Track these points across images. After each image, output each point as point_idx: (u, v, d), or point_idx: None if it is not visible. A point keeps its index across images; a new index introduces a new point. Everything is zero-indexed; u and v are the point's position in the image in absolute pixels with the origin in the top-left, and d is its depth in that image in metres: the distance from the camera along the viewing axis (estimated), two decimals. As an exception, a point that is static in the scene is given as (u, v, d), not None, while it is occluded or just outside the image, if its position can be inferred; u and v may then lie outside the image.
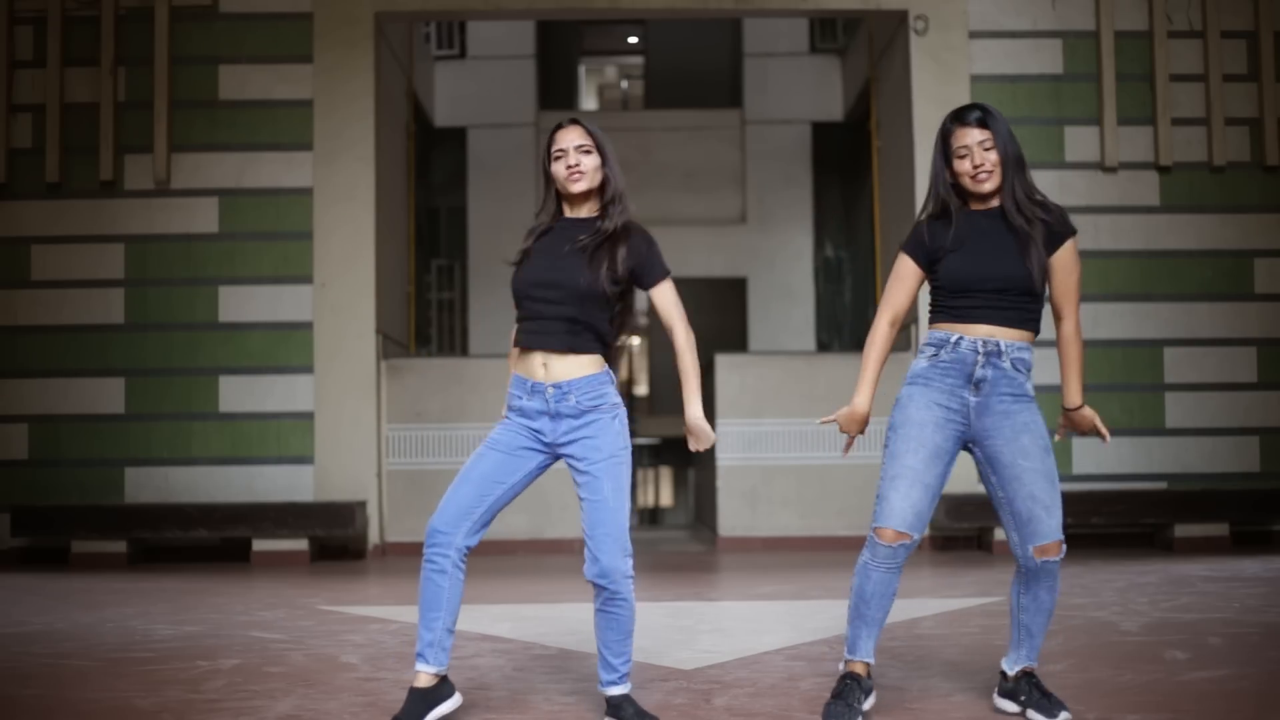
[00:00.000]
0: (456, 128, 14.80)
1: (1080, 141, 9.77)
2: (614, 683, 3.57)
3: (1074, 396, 3.72)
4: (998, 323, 3.57)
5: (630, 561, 3.52)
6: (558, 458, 3.64)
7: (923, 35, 9.83)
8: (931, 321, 3.68)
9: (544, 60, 15.99)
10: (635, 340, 20.32)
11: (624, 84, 21.38)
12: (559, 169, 3.60)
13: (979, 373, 3.56)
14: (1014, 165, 3.60)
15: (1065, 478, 9.40)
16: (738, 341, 14.95)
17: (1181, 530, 9.06)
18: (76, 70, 9.69)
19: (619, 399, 3.62)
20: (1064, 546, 3.60)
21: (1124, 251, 9.74)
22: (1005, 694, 3.67)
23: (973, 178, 3.60)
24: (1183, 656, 4.50)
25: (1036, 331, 3.65)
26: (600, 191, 3.64)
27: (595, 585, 3.52)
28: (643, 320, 18.35)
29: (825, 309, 15.07)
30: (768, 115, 15.18)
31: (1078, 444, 9.57)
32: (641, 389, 19.82)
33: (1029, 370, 3.62)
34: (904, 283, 3.69)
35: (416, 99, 12.44)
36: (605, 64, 21.27)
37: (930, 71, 9.79)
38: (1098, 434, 3.73)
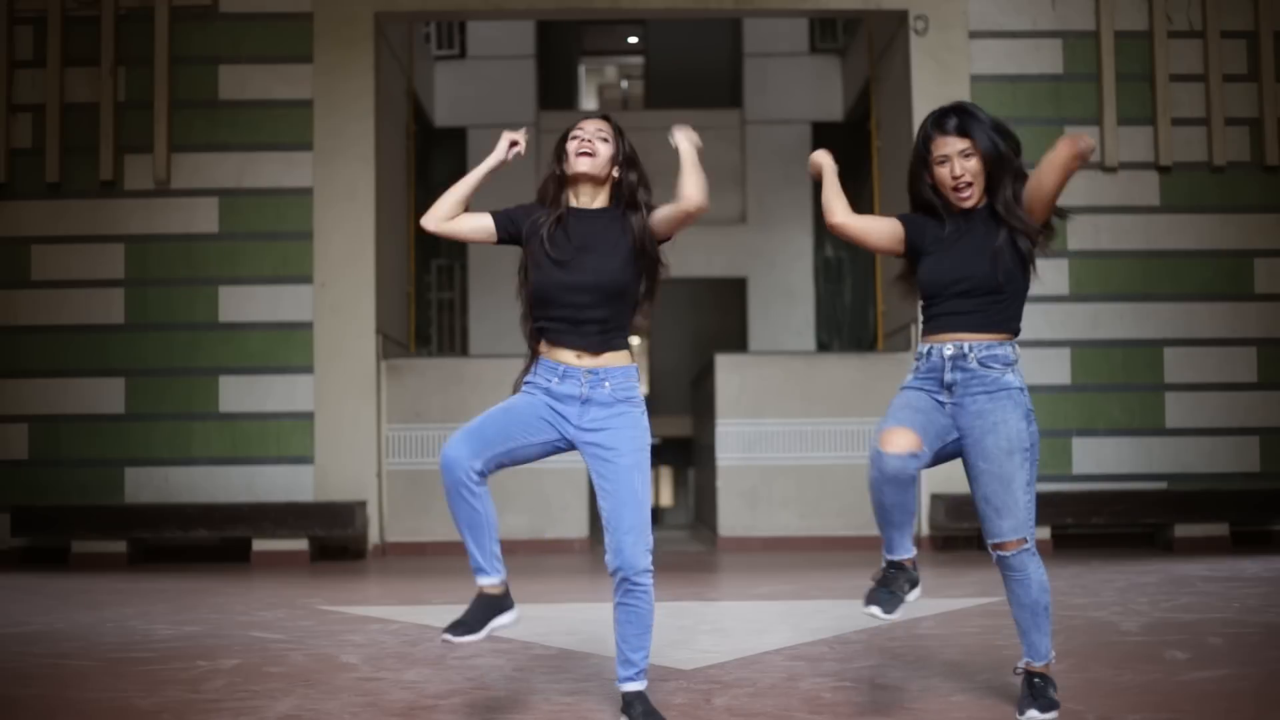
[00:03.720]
0: (456, 128, 14.79)
1: (1080, 141, 9.75)
2: (631, 679, 3.55)
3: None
4: (964, 329, 3.60)
5: (651, 555, 3.53)
6: (570, 447, 3.60)
7: (923, 35, 9.83)
8: (920, 335, 3.76)
9: (544, 60, 15.98)
10: (635, 340, 20.29)
11: (624, 84, 21.37)
12: (571, 145, 3.60)
13: (948, 377, 3.61)
14: (998, 164, 3.57)
15: (1065, 478, 9.43)
16: (738, 341, 14.94)
17: (1181, 530, 9.06)
18: (76, 70, 9.69)
19: (642, 396, 3.65)
20: (1024, 545, 3.55)
21: (1124, 251, 9.75)
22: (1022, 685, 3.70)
23: (954, 189, 3.62)
24: (1183, 656, 4.50)
25: (1013, 332, 3.65)
26: (615, 187, 3.63)
27: (616, 575, 3.51)
28: (642, 320, 18.31)
29: (825, 309, 15.07)
30: (768, 115, 15.18)
31: (1078, 444, 9.58)
32: (643, 388, 19.79)
33: (1008, 363, 3.60)
34: (880, 222, 3.77)
35: (416, 99, 12.44)
36: (605, 64, 21.26)
37: (930, 71, 9.80)
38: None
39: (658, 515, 19.52)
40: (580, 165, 3.59)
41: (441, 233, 3.67)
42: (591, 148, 3.59)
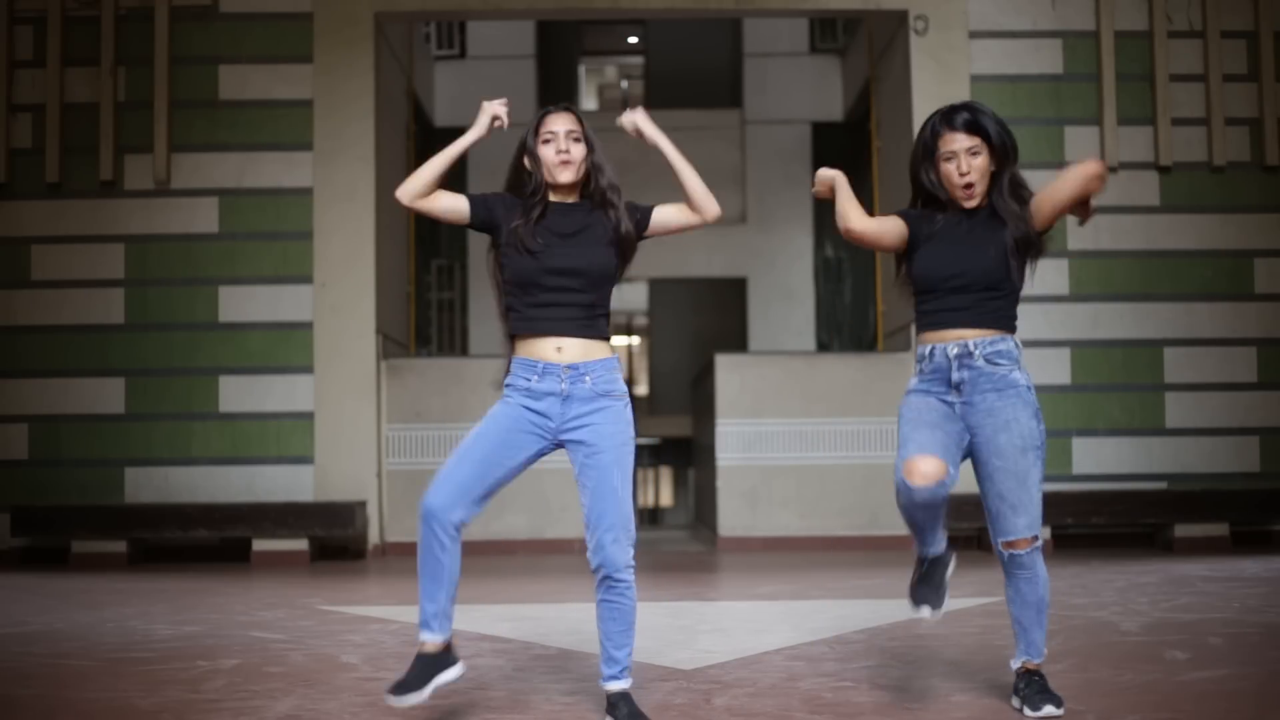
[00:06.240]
0: (456, 128, 14.69)
1: (1080, 141, 9.76)
2: (615, 677, 3.55)
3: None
4: (963, 324, 3.61)
5: (633, 551, 3.52)
6: (558, 446, 3.60)
7: (923, 35, 9.83)
8: (916, 334, 3.75)
9: (544, 60, 15.99)
10: (635, 340, 20.30)
11: (624, 84, 21.38)
12: (549, 153, 3.59)
13: (955, 376, 3.61)
14: (1005, 156, 3.62)
15: (1065, 478, 9.42)
16: (738, 341, 14.94)
17: (1181, 530, 9.06)
18: (76, 70, 9.69)
19: (626, 388, 3.64)
20: (1036, 542, 3.60)
21: (1124, 251, 9.75)
22: (1014, 690, 3.71)
23: (961, 187, 3.63)
24: (1183, 656, 4.50)
25: (1010, 329, 3.66)
26: (587, 180, 3.64)
27: (598, 573, 3.51)
28: (642, 320, 18.34)
29: (825, 309, 15.07)
30: (768, 115, 15.18)
31: (1078, 444, 9.58)
32: (641, 389, 19.81)
33: (1013, 359, 3.62)
34: (888, 222, 3.72)
35: (416, 99, 12.44)
36: (605, 64, 21.28)
37: (930, 71, 9.80)
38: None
39: (658, 515, 19.52)
40: (563, 177, 3.59)
41: (415, 208, 3.61)
42: (568, 155, 3.58)
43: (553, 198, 3.65)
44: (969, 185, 3.62)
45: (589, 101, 20.53)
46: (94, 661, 4.76)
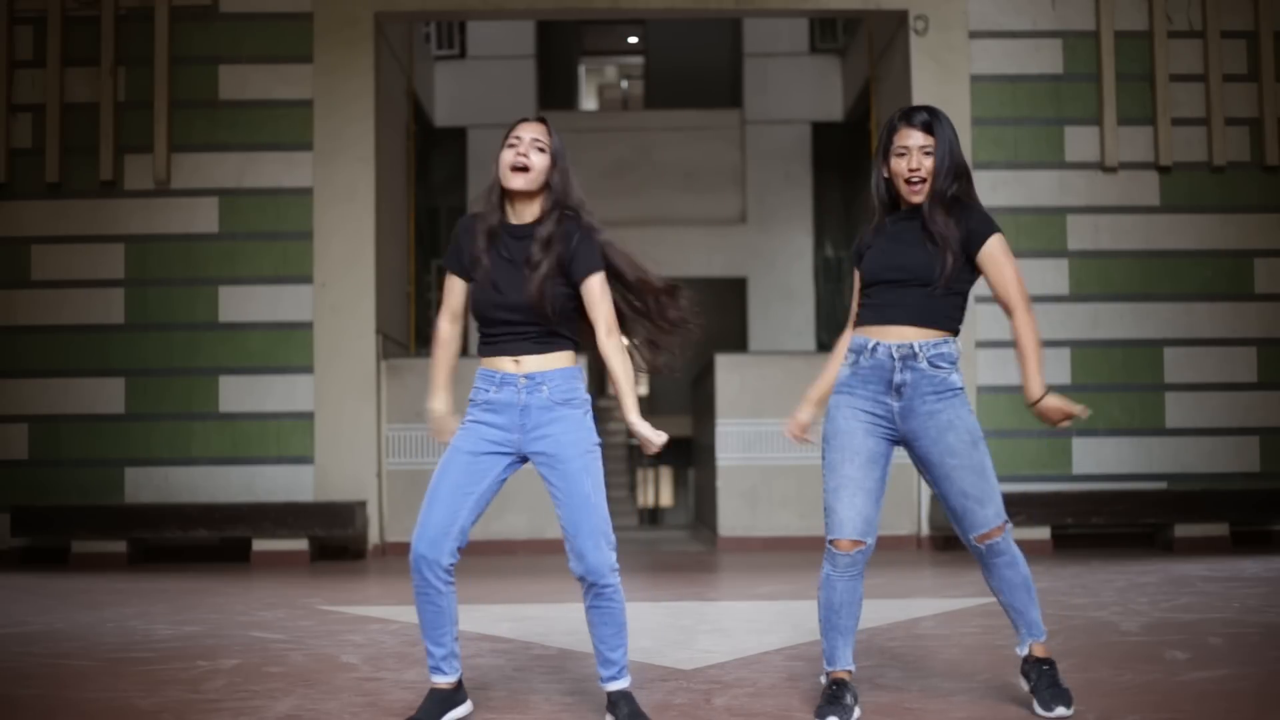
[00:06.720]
0: (456, 128, 14.80)
1: (1080, 141, 9.77)
2: (613, 678, 3.56)
3: (1033, 389, 3.59)
4: (908, 322, 3.59)
5: (614, 554, 3.52)
6: (524, 460, 3.59)
7: (923, 35, 9.83)
8: (855, 324, 3.71)
9: (544, 60, 15.99)
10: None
11: (624, 84, 21.40)
12: (506, 155, 3.50)
13: (898, 378, 3.59)
14: (949, 173, 3.60)
15: (1065, 478, 9.43)
16: (738, 341, 14.94)
17: (1181, 530, 9.06)
18: (76, 70, 9.69)
19: (587, 395, 3.61)
20: (1008, 526, 3.62)
21: (1124, 251, 9.75)
22: (1022, 673, 3.71)
23: (906, 181, 3.62)
24: (1183, 656, 4.50)
25: (954, 330, 3.65)
26: (544, 198, 3.53)
27: (583, 582, 3.51)
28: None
29: (825, 309, 15.07)
30: (768, 115, 15.17)
31: (1078, 444, 9.57)
32: (642, 389, 19.82)
33: (953, 363, 3.61)
34: (857, 292, 3.80)
35: (416, 99, 12.44)
36: (605, 64, 21.29)
37: (930, 71, 9.79)
38: (1069, 419, 3.58)
39: (658, 515, 19.52)
40: (514, 182, 3.49)
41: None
42: (526, 160, 3.48)
43: (513, 213, 3.56)
44: (917, 181, 3.60)
45: (589, 101, 20.54)
46: (94, 661, 4.76)
